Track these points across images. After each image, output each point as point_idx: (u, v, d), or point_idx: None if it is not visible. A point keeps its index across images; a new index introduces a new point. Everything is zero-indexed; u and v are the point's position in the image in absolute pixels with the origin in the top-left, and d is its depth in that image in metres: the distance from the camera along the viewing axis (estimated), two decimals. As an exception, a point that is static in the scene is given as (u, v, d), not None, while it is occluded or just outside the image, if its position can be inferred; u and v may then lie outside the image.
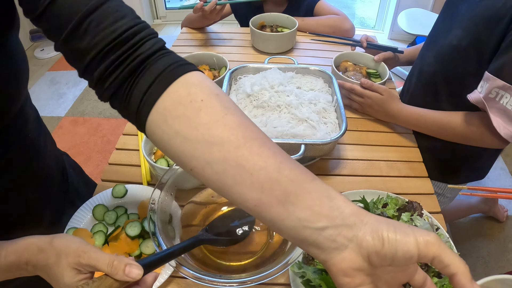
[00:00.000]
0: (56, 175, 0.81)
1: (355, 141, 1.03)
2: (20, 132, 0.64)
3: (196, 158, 0.41)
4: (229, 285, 0.56)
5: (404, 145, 1.04)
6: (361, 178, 0.93)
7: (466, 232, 1.95)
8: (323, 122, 0.91)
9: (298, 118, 0.89)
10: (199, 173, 0.42)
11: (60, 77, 3.04)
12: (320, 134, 0.87)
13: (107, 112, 2.68)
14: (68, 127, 2.59)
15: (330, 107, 0.95)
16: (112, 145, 2.42)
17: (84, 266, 0.47)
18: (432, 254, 0.34)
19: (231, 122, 0.41)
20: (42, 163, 0.73)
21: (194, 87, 0.44)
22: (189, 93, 0.43)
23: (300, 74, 1.07)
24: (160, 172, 0.81)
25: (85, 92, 2.90)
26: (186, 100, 0.42)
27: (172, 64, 0.45)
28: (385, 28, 3.59)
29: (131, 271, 0.45)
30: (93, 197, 0.83)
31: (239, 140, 0.40)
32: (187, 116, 0.42)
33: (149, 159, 0.82)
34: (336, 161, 0.97)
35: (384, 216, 0.65)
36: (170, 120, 0.42)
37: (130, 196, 0.84)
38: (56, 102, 2.82)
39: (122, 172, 0.93)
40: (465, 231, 1.95)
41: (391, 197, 0.74)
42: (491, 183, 2.19)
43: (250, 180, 0.39)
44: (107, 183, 0.91)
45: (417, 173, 0.95)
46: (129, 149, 0.99)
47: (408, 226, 0.35)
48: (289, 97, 0.94)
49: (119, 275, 0.45)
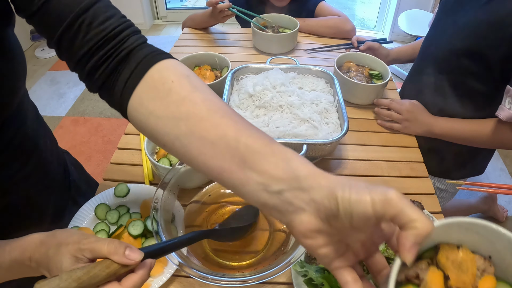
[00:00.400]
0: (57, 172, 0.81)
1: (356, 142, 1.04)
2: (19, 129, 0.65)
3: (167, 134, 0.45)
4: (232, 283, 0.57)
5: (404, 146, 1.04)
6: (362, 178, 0.94)
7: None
8: (325, 122, 0.92)
9: (300, 118, 0.89)
10: (171, 148, 0.46)
11: (60, 77, 3.05)
12: (322, 134, 0.87)
13: (108, 112, 2.68)
14: (68, 127, 2.59)
15: (331, 108, 0.96)
16: (113, 144, 2.43)
17: (83, 251, 0.45)
18: (390, 214, 0.32)
19: (197, 98, 0.45)
20: (42, 159, 0.73)
21: (166, 71, 0.48)
22: (161, 76, 0.47)
23: (301, 74, 1.08)
24: (163, 171, 0.82)
25: (85, 92, 2.90)
26: (159, 83, 0.47)
27: (149, 54, 0.50)
28: (386, 29, 3.60)
29: (130, 254, 0.44)
30: (95, 196, 0.83)
31: (202, 114, 0.43)
32: (159, 97, 0.46)
33: (151, 158, 0.82)
34: (338, 161, 0.97)
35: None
36: (146, 102, 0.47)
37: (132, 195, 0.84)
38: (56, 102, 2.82)
39: (124, 172, 0.94)
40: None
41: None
42: (491, 184, 2.19)
43: (212, 150, 0.42)
44: (109, 182, 0.91)
45: (417, 173, 0.96)
46: (131, 149, 1.00)
47: (367, 186, 0.34)
48: (291, 97, 0.94)
49: (118, 256, 0.44)
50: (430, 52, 1.14)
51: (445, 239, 0.40)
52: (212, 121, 0.43)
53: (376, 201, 0.32)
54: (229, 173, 0.41)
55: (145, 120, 0.47)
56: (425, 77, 1.14)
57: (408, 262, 0.32)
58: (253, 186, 0.39)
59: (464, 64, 0.99)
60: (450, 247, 0.39)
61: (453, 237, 0.40)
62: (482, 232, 0.39)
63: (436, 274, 0.38)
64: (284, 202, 0.37)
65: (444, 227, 0.38)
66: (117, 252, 0.44)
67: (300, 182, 0.36)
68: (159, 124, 0.46)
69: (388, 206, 0.32)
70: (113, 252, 0.44)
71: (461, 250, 0.39)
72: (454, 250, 0.39)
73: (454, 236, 0.40)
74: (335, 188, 0.34)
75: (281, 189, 0.37)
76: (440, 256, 0.39)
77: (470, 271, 0.38)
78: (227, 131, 0.42)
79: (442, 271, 0.38)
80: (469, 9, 0.98)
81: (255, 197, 0.39)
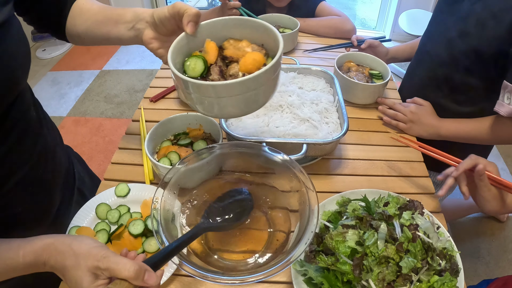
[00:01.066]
0: (63, 162, 0.84)
1: (356, 141, 1.04)
2: (21, 120, 0.66)
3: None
4: (232, 282, 0.57)
5: (404, 145, 1.04)
6: (362, 177, 0.94)
7: (466, 232, 1.95)
8: (325, 122, 0.92)
9: (300, 118, 0.90)
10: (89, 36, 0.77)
11: (62, 77, 3.05)
12: (322, 133, 0.87)
13: (109, 112, 2.69)
14: (70, 127, 2.59)
15: (331, 107, 0.96)
16: (114, 145, 2.43)
17: (102, 270, 0.49)
18: (176, 10, 0.62)
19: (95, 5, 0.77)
20: (48, 143, 0.76)
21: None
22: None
23: (302, 74, 1.08)
24: (163, 171, 0.82)
25: (86, 92, 2.91)
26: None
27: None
28: (386, 29, 3.59)
29: (149, 279, 0.50)
30: (96, 196, 0.83)
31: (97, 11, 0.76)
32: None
33: (151, 158, 0.82)
34: (338, 161, 0.97)
35: (385, 214, 0.65)
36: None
37: (133, 195, 0.84)
38: (58, 102, 2.83)
39: (125, 171, 0.94)
40: (466, 231, 1.95)
41: (392, 196, 0.75)
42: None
43: (102, 24, 0.74)
44: (110, 182, 0.91)
45: (417, 173, 0.96)
46: (132, 149, 1.00)
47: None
48: (291, 97, 0.94)
49: (138, 281, 0.49)
50: (426, 49, 1.14)
51: (228, 35, 0.62)
52: (101, 13, 0.74)
53: (169, 8, 0.62)
54: (111, 30, 0.72)
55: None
56: (422, 73, 1.15)
57: (189, 32, 0.60)
58: (123, 31, 0.71)
59: (460, 60, 1.00)
60: (235, 40, 0.62)
61: (235, 33, 0.62)
62: (255, 27, 0.61)
63: (212, 44, 0.60)
64: (137, 30, 0.69)
65: (210, 23, 0.62)
66: (138, 278, 0.49)
67: (140, 17, 0.68)
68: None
69: (174, 8, 0.61)
70: (134, 278, 0.49)
71: (243, 41, 0.61)
72: (237, 41, 0.61)
73: (236, 32, 0.62)
74: (154, 11, 0.65)
75: (133, 24, 0.69)
76: (225, 43, 0.62)
77: (243, 50, 0.59)
78: (106, 12, 0.74)
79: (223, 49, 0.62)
80: (465, 4, 0.98)
81: (126, 36, 0.71)
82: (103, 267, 0.49)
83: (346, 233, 0.63)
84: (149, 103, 1.17)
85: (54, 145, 0.80)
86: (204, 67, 0.57)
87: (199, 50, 0.62)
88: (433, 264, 0.61)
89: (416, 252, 0.59)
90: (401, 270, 0.58)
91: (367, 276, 0.58)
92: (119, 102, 2.81)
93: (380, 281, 0.57)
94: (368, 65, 1.24)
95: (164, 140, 0.95)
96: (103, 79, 3.04)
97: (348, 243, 0.61)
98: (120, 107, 2.76)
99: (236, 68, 0.58)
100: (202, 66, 0.57)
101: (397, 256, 0.58)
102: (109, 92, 2.91)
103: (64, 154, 0.87)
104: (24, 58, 0.62)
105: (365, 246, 0.60)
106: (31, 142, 0.69)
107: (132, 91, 2.93)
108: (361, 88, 1.12)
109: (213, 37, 0.62)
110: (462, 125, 1.03)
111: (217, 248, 0.72)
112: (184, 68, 0.60)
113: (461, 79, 1.03)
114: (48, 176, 0.76)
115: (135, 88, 2.96)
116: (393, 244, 0.60)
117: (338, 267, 0.60)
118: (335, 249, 0.61)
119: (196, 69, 0.57)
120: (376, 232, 0.61)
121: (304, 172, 0.68)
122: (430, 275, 0.61)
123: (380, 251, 0.58)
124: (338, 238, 0.62)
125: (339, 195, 0.80)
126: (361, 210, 0.69)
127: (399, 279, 0.57)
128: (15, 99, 0.63)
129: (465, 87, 1.04)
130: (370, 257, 0.58)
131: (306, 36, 1.55)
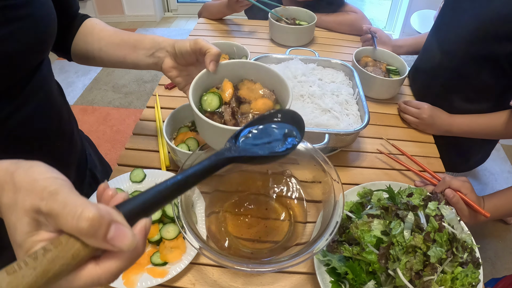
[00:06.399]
0: (78, 141, 0.85)
1: (374, 135, 1.03)
2: (44, 85, 0.67)
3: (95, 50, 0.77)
4: (256, 270, 0.56)
5: (421, 141, 1.04)
6: (380, 171, 0.93)
7: (473, 233, 1.92)
8: (345, 113, 0.91)
9: (321, 108, 0.89)
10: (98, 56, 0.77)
11: (69, 66, 3.04)
12: (343, 124, 0.86)
13: (117, 102, 2.68)
14: (77, 116, 2.53)
15: (351, 99, 0.95)
16: (122, 134, 2.42)
17: (45, 215, 0.30)
18: (198, 48, 0.64)
19: (109, 28, 0.77)
20: (64, 116, 0.77)
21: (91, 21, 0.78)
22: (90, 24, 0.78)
23: (321, 66, 1.06)
24: (181, 156, 0.81)
25: (94, 81, 2.90)
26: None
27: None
28: (396, 29, 3.58)
29: (118, 236, 0.29)
30: (110, 180, 0.82)
31: (111, 33, 0.76)
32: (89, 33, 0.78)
33: (170, 143, 0.81)
34: (356, 153, 0.96)
35: (410, 204, 0.65)
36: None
37: (148, 181, 0.83)
38: (65, 90, 2.76)
39: (139, 157, 0.93)
40: (472, 232, 1.93)
41: (416, 188, 0.74)
42: (499, 186, 2.18)
43: (118, 47, 0.74)
44: (123, 167, 0.90)
45: (434, 168, 0.95)
46: (146, 135, 0.99)
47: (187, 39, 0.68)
48: (312, 88, 0.93)
49: (96, 239, 0.29)
50: (434, 47, 1.12)
51: (244, 76, 0.68)
52: (117, 35, 0.75)
53: (191, 43, 0.65)
54: (128, 54, 0.73)
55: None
56: (431, 71, 1.13)
57: (211, 70, 0.64)
58: (142, 57, 0.72)
59: (471, 58, 0.98)
60: (249, 81, 0.68)
61: (251, 74, 0.68)
62: (268, 74, 0.67)
63: (229, 83, 0.66)
64: (156, 57, 0.71)
65: (230, 63, 0.68)
66: (94, 234, 0.28)
67: (160, 45, 0.70)
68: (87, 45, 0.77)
69: (196, 44, 0.65)
70: (86, 233, 0.28)
71: (256, 84, 0.67)
72: (251, 82, 0.67)
73: (251, 74, 0.68)
74: (175, 42, 0.68)
75: (153, 52, 0.71)
76: (240, 84, 0.67)
77: (256, 92, 0.66)
78: (123, 36, 0.74)
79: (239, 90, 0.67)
80: (475, 2, 0.97)
81: (144, 62, 0.72)
82: (45, 209, 0.29)
83: (372, 222, 0.62)
84: (164, 90, 1.16)
85: (71, 121, 0.81)
86: (219, 104, 0.65)
87: (217, 87, 0.68)
88: (458, 254, 0.60)
89: (442, 242, 0.58)
90: (428, 259, 0.57)
91: (394, 266, 0.57)
92: (127, 92, 2.80)
93: (408, 270, 0.56)
94: (386, 61, 1.23)
95: (182, 126, 0.94)
96: (111, 69, 3.01)
97: (373, 233, 0.60)
98: (128, 97, 2.75)
99: (247, 108, 0.65)
100: (218, 103, 0.65)
101: (424, 245, 0.57)
102: (117, 81, 2.90)
103: (78, 134, 0.87)
104: (52, 21, 0.63)
105: (392, 235, 0.59)
106: (54, 109, 0.71)
107: (141, 81, 2.91)
108: (379, 83, 1.11)
109: (230, 75, 0.68)
110: (472, 121, 1.02)
111: (237, 237, 0.71)
112: (201, 101, 0.66)
113: (470, 77, 1.02)
114: (65, 153, 0.76)
115: (144, 78, 2.94)
116: (420, 234, 0.59)
117: (363, 257, 0.59)
118: (361, 239, 0.60)
119: (212, 105, 0.65)
120: (402, 222, 0.60)
121: (329, 161, 0.66)
122: (454, 266, 0.60)
123: (408, 241, 0.57)
124: (363, 228, 0.61)
125: (360, 186, 0.79)
126: (386, 200, 0.68)
127: (427, 268, 0.56)
128: (41, 62, 0.64)
129: (476, 85, 1.03)
130: (397, 246, 0.58)
131: (322, 31, 1.54)
